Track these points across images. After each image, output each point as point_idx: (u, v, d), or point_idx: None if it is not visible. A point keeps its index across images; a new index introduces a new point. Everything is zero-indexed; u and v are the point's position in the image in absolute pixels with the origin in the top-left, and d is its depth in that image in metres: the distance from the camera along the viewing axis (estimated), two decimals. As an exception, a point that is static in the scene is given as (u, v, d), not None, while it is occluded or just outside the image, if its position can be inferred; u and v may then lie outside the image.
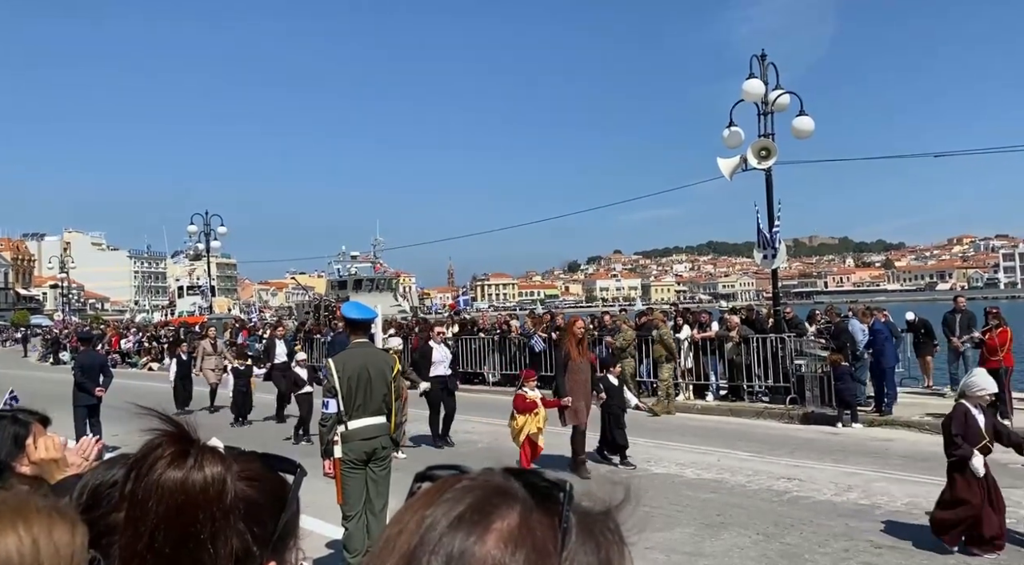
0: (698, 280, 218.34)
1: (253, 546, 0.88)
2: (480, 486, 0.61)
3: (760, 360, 13.35)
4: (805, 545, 5.99)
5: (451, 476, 0.64)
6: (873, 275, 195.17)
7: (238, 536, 0.87)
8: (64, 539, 0.79)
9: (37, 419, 1.83)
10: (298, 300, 48.75)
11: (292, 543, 0.94)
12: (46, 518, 0.80)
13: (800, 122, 13.30)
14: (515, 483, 0.61)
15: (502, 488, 0.60)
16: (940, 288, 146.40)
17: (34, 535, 0.77)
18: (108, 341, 32.72)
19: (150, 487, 0.85)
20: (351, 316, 5.57)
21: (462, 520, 0.58)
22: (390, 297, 36.29)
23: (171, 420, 0.91)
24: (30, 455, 1.74)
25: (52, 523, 0.79)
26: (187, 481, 0.85)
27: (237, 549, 0.87)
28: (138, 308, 70.09)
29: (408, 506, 0.62)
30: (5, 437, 1.72)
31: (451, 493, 0.61)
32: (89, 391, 10.57)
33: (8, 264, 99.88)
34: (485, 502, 0.59)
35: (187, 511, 0.85)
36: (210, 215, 30.62)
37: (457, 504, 0.59)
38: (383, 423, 5.35)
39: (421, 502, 0.61)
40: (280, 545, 0.92)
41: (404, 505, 0.63)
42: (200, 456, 0.87)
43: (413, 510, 0.61)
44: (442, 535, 0.57)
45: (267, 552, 0.90)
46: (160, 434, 0.88)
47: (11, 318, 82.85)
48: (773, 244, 13.53)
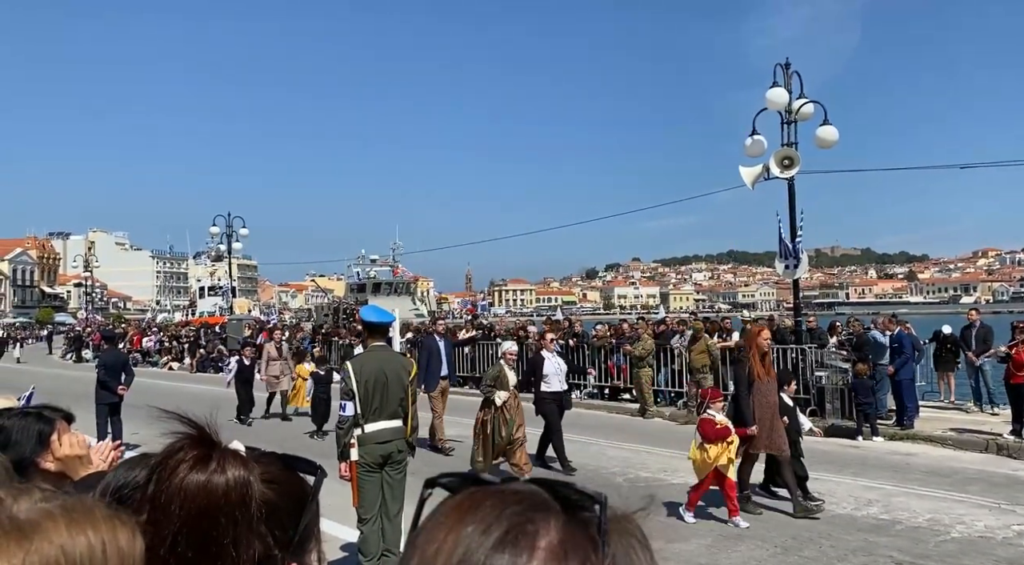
0: (717, 289, 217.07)
1: (274, 549, 0.88)
2: (514, 500, 0.58)
3: (779, 371, 13.20)
4: (823, 559, 5.91)
5: (478, 490, 0.61)
6: (896, 287, 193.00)
7: (260, 539, 0.87)
8: (127, 543, 0.81)
9: (61, 416, 1.84)
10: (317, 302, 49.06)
11: (312, 545, 0.94)
12: (111, 523, 0.82)
13: (824, 131, 13.18)
14: (548, 495, 0.59)
15: (537, 502, 0.58)
16: (964, 301, 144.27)
17: (102, 537, 0.80)
18: (130, 340, 33.13)
19: (173, 490, 0.85)
20: (369, 319, 5.59)
21: (505, 541, 0.55)
22: (408, 301, 36.41)
23: (192, 422, 0.91)
24: (54, 452, 1.75)
25: (115, 528, 0.81)
26: (210, 484, 0.85)
27: (259, 553, 0.87)
28: (159, 308, 70.91)
29: (439, 524, 0.59)
30: (30, 434, 1.74)
31: (485, 510, 0.58)
32: (111, 389, 10.68)
33: (34, 262, 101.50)
34: (524, 519, 0.57)
35: (210, 515, 0.85)
36: (232, 217, 30.95)
37: (495, 522, 0.56)
38: (399, 427, 5.36)
39: (453, 519, 0.59)
40: (300, 548, 0.92)
41: (433, 522, 0.60)
42: (223, 459, 0.87)
43: (446, 528, 0.58)
44: (486, 558, 0.55)
45: (287, 555, 0.90)
46: (182, 436, 0.88)
47: (36, 315, 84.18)
48: (795, 254, 13.41)
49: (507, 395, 8.46)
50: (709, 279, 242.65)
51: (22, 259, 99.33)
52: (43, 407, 1.88)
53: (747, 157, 13.74)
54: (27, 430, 1.74)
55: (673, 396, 14.69)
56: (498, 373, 8.67)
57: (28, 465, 1.70)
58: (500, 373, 8.65)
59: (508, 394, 8.48)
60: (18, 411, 1.82)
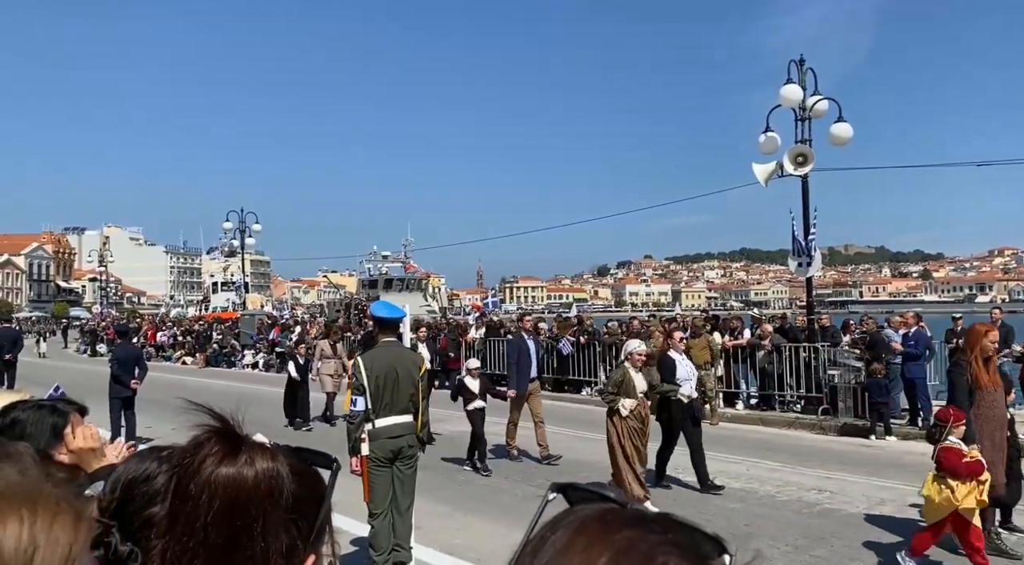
0: (730, 287, 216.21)
1: (298, 541, 0.89)
2: (649, 529, 0.58)
3: (792, 369, 13.15)
4: (835, 558, 5.88)
5: (615, 516, 0.60)
6: (910, 286, 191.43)
7: (286, 531, 0.88)
8: (65, 532, 0.79)
9: (75, 409, 1.85)
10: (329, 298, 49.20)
11: (327, 537, 0.96)
12: (52, 508, 0.80)
13: (838, 128, 13.09)
14: (680, 534, 0.59)
15: (673, 539, 0.58)
16: (980, 300, 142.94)
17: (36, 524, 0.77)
18: (144, 334, 33.39)
19: (202, 483, 0.86)
20: (380, 315, 5.60)
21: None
22: (419, 297, 36.46)
23: (218, 415, 0.91)
24: (68, 444, 1.76)
25: (56, 514, 0.79)
26: (240, 476, 0.86)
27: (286, 544, 0.88)
28: (173, 302, 71.35)
29: (573, 544, 0.58)
30: (44, 427, 1.75)
31: (623, 534, 0.57)
32: (125, 384, 10.74)
33: (50, 257, 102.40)
34: (660, 553, 0.56)
35: (241, 506, 0.85)
36: (245, 212, 31.10)
37: (631, 552, 0.56)
38: (409, 422, 5.37)
39: (588, 539, 0.57)
40: (317, 539, 0.93)
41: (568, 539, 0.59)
42: (251, 452, 0.88)
43: (581, 547, 0.57)
44: None
45: (308, 546, 0.91)
46: (207, 429, 0.89)
47: (51, 310, 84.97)
48: (808, 252, 13.33)
49: (634, 403, 7.25)
50: (721, 277, 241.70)
51: (38, 254, 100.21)
52: (57, 400, 1.89)
53: (761, 154, 13.67)
54: (41, 422, 1.75)
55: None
56: (622, 377, 7.40)
57: (43, 458, 1.71)
58: (624, 377, 7.38)
59: (635, 402, 7.27)
60: (32, 404, 1.83)
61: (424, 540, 5.90)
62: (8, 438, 1.68)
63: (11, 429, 1.72)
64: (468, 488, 8.30)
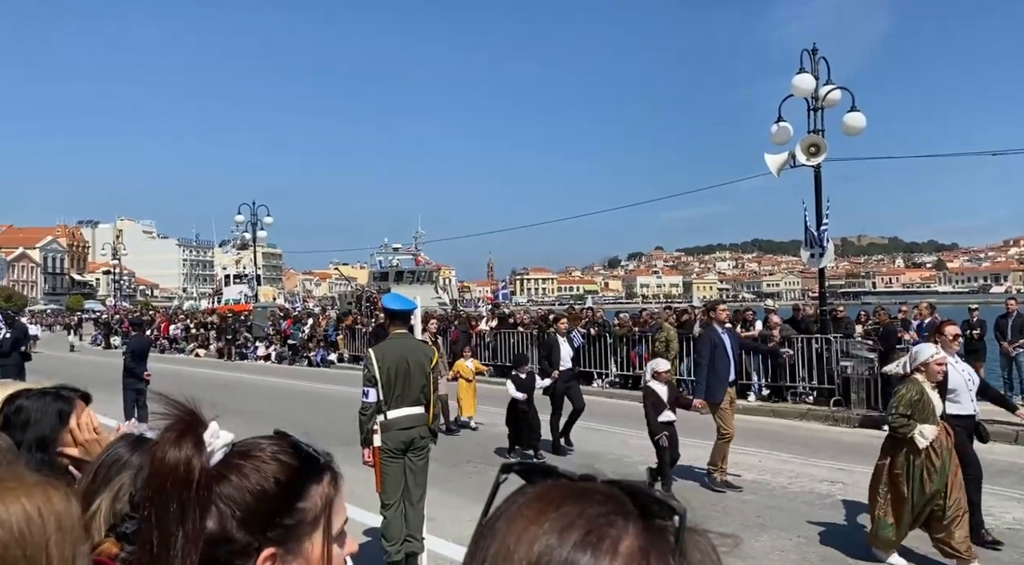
0: (742, 278, 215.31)
1: (236, 531, 0.90)
2: (596, 501, 0.58)
3: (804, 361, 13.10)
4: (847, 550, 5.86)
5: (555, 484, 0.61)
6: (924, 276, 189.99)
7: (216, 518, 0.90)
8: (62, 506, 0.85)
9: (79, 396, 1.87)
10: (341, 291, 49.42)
11: (306, 534, 0.94)
12: (43, 489, 0.85)
13: (851, 118, 12.97)
14: (627, 500, 0.59)
15: (617, 505, 0.58)
16: (994, 291, 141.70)
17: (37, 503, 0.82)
18: (157, 327, 33.66)
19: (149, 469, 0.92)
20: (391, 307, 5.62)
21: (586, 542, 0.55)
22: (430, 289, 36.56)
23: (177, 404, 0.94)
24: (76, 437, 1.77)
25: (48, 493, 0.84)
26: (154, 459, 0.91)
27: (213, 530, 0.89)
28: (186, 295, 71.84)
29: (518, 515, 0.59)
30: (49, 413, 1.77)
31: (563, 511, 0.57)
32: (138, 376, 10.85)
33: (64, 250, 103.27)
34: (606, 522, 0.57)
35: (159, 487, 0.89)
36: (257, 205, 31.19)
37: (577, 522, 0.56)
38: (421, 413, 5.39)
39: (533, 512, 0.58)
40: (285, 534, 0.93)
41: (512, 513, 0.59)
42: (182, 438, 0.91)
43: (525, 520, 0.58)
44: (566, 558, 0.55)
45: (263, 539, 0.91)
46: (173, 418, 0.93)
47: (66, 302, 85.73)
48: (821, 243, 13.24)
49: (935, 431, 5.37)
50: (733, 268, 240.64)
51: (52, 247, 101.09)
52: (61, 387, 1.90)
53: (773, 144, 13.57)
54: (46, 409, 1.77)
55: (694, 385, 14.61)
56: (919, 395, 5.50)
57: (49, 443, 1.73)
58: (921, 394, 5.50)
59: (936, 429, 5.39)
60: (36, 391, 1.84)
61: (436, 531, 5.93)
62: (13, 425, 1.70)
63: (16, 416, 1.74)
64: (480, 479, 8.32)
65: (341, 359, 23.84)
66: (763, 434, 10.84)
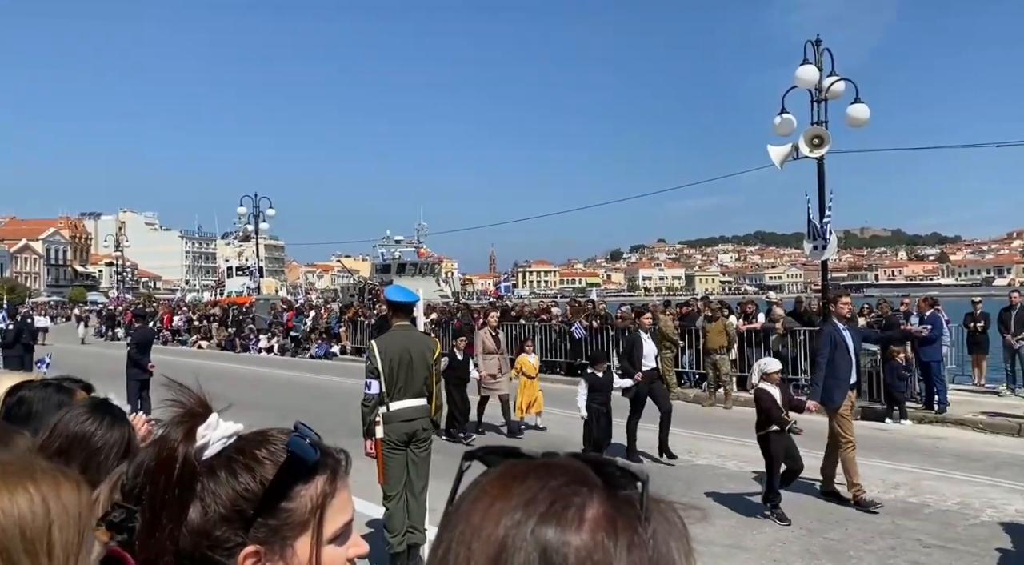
0: (744, 271, 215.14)
1: (217, 527, 0.89)
2: (558, 473, 0.58)
3: (807, 353, 13.09)
4: (850, 541, 5.87)
5: (517, 462, 0.61)
6: (927, 269, 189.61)
7: (200, 511, 0.89)
8: (71, 498, 0.84)
9: (80, 387, 1.87)
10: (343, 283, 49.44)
11: (292, 536, 0.92)
12: (52, 478, 0.84)
13: (855, 110, 12.90)
14: (590, 471, 0.59)
15: (579, 477, 0.58)
16: (997, 283, 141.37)
17: (43, 494, 0.81)
18: (160, 319, 33.73)
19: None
20: (394, 299, 5.61)
21: (551, 513, 0.56)
22: (432, 282, 36.56)
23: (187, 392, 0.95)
24: None
25: (58, 483, 0.84)
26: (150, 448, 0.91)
27: (196, 523, 0.89)
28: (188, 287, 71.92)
29: (482, 494, 0.59)
30: (51, 405, 1.77)
31: (527, 484, 0.58)
32: (142, 366, 10.89)
33: (67, 242, 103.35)
34: (570, 492, 0.57)
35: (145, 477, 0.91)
36: (259, 197, 31.18)
37: (540, 495, 0.57)
38: (424, 405, 5.40)
39: (497, 489, 0.58)
40: (269, 535, 0.91)
41: (476, 493, 0.60)
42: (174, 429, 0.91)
43: (490, 498, 0.58)
44: (533, 531, 0.55)
45: (244, 536, 0.90)
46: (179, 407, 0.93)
47: (69, 294, 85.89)
48: (823, 235, 13.20)
49: None
50: (735, 261, 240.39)
51: (55, 239, 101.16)
52: (63, 378, 1.90)
53: (776, 136, 13.51)
54: (48, 400, 1.77)
55: (698, 377, 14.63)
56: None
57: None
58: None
59: None
60: (39, 383, 1.85)
61: (438, 522, 5.95)
62: (15, 416, 1.70)
63: (18, 408, 1.74)
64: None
65: (344, 351, 23.88)
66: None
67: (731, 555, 5.59)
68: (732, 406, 12.52)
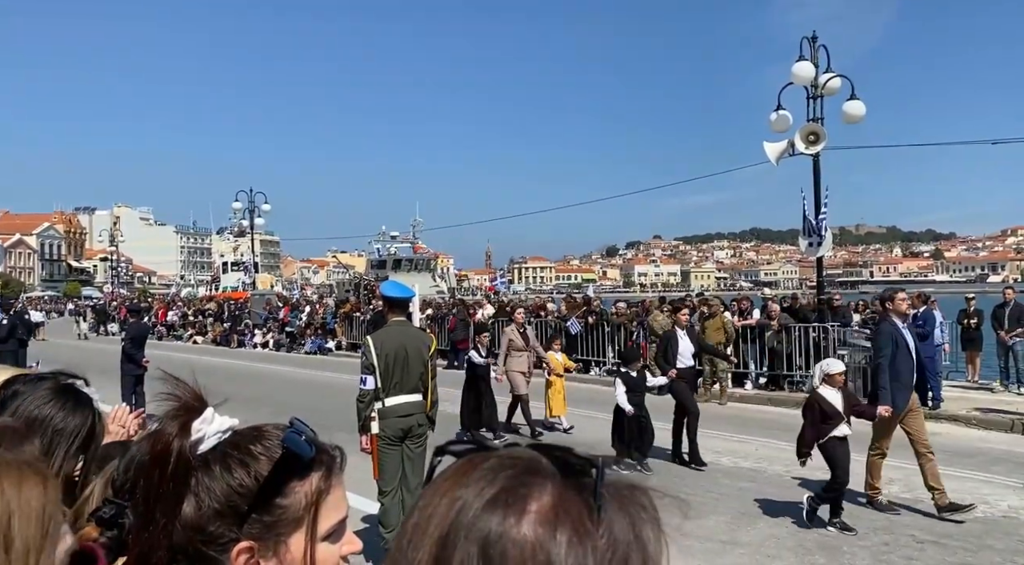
0: (739, 267, 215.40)
1: (211, 522, 0.89)
2: (510, 464, 0.59)
3: (802, 349, 13.12)
4: (844, 537, 5.90)
5: (477, 454, 0.62)
6: (921, 265, 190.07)
7: (193, 505, 0.89)
8: (35, 493, 0.82)
9: None
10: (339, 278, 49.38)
11: (286, 532, 0.92)
12: (16, 472, 0.82)
13: (850, 106, 12.92)
14: (545, 460, 0.60)
15: (533, 466, 0.59)
16: (992, 280, 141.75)
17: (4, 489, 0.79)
18: (155, 314, 33.64)
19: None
20: (390, 294, 5.61)
21: (496, 502, 0.56)
22: (428, 277, 36.59)
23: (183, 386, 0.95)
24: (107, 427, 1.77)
25: (22, 477, 0.82)
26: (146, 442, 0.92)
27: (190, 518, 0.89)
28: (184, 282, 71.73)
29: (435, 487, 0.61)
30: None
31: (480, 472, 0.59)
32: (137, 362, 10.86)
33: (61, 237, 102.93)
34: (518, 482, 0.57)
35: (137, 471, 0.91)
36: (254, 192, 31.08)
37: (489, 485, 0.57)
38: (419, 401, 5.39)
39: (449, 482, 0.60)
40: (263, 531, 0.91)
41: (430, 485, 0.61)
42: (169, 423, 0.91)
43: (442, 492, 0.59)
44: (476, 518, 0.56)
45: (238, 532, 0.90)
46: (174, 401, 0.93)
47: (63, 289, 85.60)
48: (819, 232, 13.22)
49: None
50: (731, 257, 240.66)
51: (49, 233, 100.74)
52: (58, 373, 1.89)
53: (772, 133, 13.53)
54: None
55: (693, 374, 14.64)
56: None
57: None
58: None
59: None
60: (33, 376, 1.84)
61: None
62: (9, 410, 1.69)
63: (12, 401, 1.73)
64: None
65: (339, 347, 23.85)
66: (760, 422, 10.87)
67: (726, 550, 5.61)
68: (727, 402, 12.54)
